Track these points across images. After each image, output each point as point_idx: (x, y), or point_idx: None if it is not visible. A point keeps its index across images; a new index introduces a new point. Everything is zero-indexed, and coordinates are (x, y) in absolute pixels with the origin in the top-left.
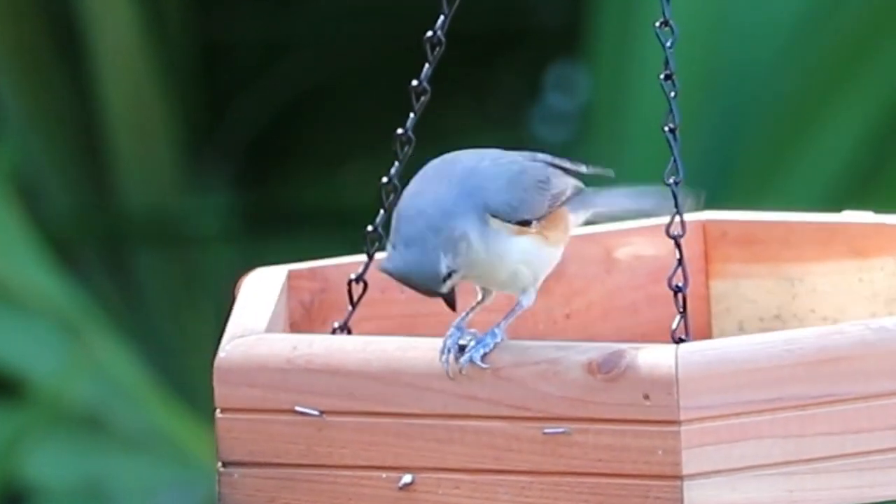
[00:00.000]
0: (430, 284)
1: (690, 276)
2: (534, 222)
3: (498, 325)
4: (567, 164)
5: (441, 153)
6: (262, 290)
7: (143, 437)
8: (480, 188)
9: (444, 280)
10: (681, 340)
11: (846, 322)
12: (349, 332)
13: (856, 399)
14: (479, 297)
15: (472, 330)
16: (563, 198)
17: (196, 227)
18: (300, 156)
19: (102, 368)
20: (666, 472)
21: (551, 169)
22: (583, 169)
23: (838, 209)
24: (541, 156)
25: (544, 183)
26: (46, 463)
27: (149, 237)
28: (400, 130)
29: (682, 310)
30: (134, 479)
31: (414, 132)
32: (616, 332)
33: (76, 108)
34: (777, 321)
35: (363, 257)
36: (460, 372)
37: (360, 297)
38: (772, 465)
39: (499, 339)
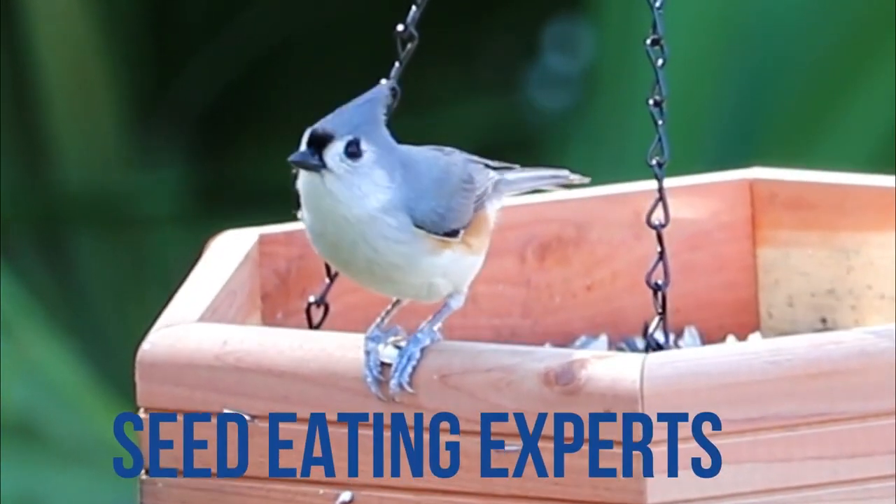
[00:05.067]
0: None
1: (672, 274)
2: (460, 232)
3: (421, 331)
4: (485, 161)
5: (423, 124)
6: (224, 258)
7: (83, 447)
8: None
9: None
10: (658, 347)
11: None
12: (327, 307)
13: (852, 418)
14: (394, 300)
15: (396, 327)
16: (485, 196)
17: (144, 207)
18: (261, 125)
19: (38, 370)
20: (628, 500)
21: (471, 164)
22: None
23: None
24: (457, 152)
25: (468, 182)
26: None
27: (91, 219)
28: (384, 82)
29: (661, 311)
30: (73, 493)
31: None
32: (644, 306)
33: (8, 74)
34: (830, 297)
35: None
36: (393, 400)
37: None
38: (753, 493)
39: (427, 343)
